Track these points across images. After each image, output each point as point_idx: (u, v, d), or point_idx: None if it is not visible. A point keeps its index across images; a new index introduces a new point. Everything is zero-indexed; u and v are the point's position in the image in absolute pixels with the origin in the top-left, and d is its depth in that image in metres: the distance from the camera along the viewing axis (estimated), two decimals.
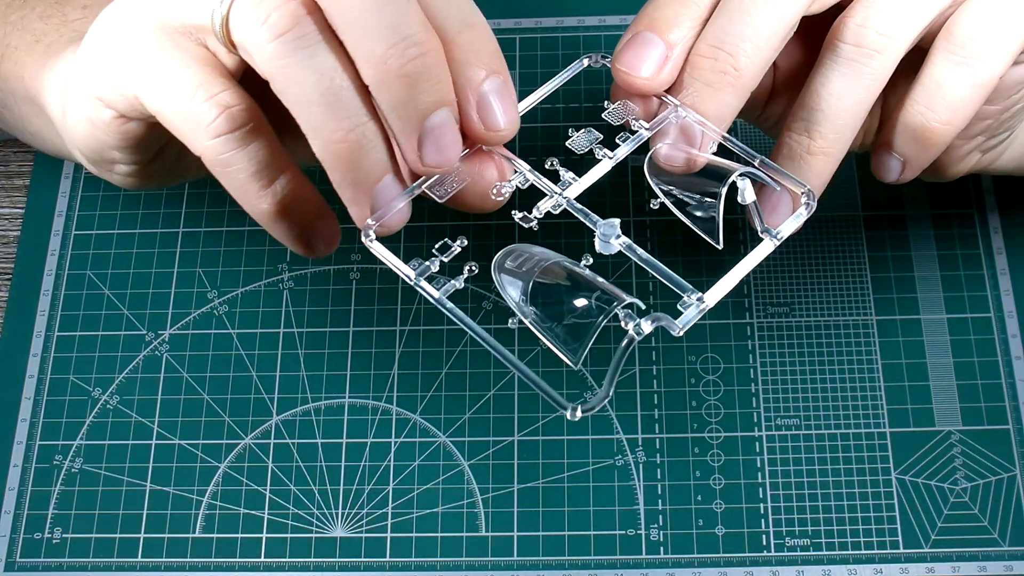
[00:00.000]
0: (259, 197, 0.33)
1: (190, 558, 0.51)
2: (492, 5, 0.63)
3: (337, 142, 0.31)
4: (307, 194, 0.34)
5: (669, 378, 0.53)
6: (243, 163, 0.33)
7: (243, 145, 0.32)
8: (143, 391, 0.54)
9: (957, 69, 0.34)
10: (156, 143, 0.37)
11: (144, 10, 0.33)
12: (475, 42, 0.32)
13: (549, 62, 0.61)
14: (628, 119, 0.36)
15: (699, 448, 0.52)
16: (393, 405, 0.53)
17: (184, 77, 0.32)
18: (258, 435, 0.53)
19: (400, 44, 0.30)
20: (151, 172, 0.38)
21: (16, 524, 0.52)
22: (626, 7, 0.62)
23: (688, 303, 0.31)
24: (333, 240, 0.36)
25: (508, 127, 0.33)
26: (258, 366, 0.55)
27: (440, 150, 0.31)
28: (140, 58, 0.32)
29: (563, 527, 0.50)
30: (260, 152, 0.33)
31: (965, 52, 0.34)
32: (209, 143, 0.32)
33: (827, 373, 0.53)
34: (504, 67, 0.33)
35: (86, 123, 0.35)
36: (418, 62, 0.30)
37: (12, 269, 0.58)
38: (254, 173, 0.33)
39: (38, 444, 0.54)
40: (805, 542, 0.50)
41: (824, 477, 0.51)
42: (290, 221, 0.34)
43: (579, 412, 0.30)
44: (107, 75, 0.34)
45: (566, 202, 0.34)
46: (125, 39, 0.33)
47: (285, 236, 0.35)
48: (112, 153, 0.36)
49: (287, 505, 0.52)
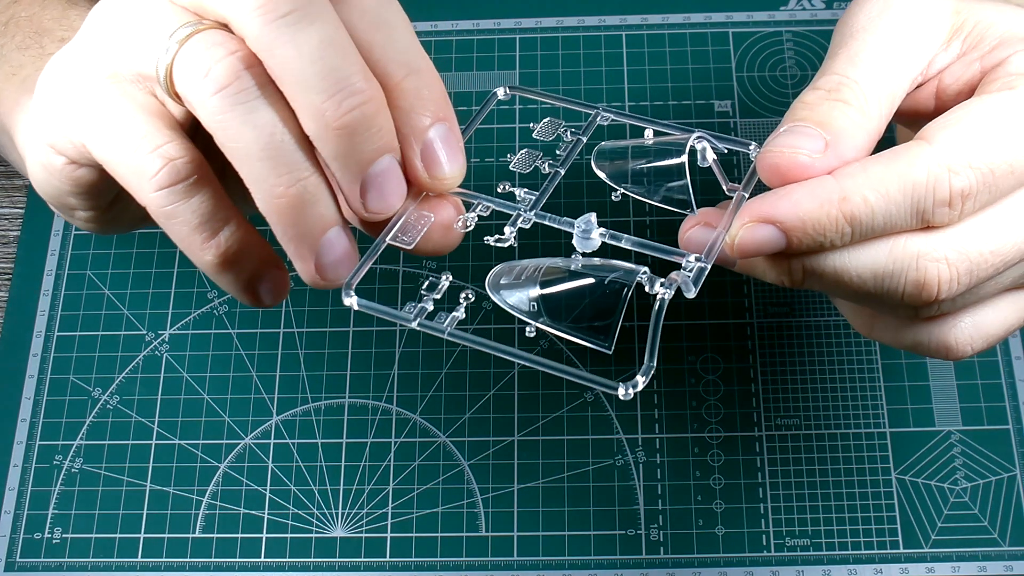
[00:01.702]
0: (203, 249, 0.33)
1: (190, 558, 0.51)
2: (492, 5, 0.63)
3: (278, 196, 0.31)
4: (253, 245, 0.34)
5: (669, 378, 0.53)
6: (187, 215, 0.32)
7: (187, 197, 0.32)
8: (143, 391, 0.54)
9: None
10: (110, 190, 0.36)
11: (93, 58, 0.33)
12: (420, 88, 0.32)
13: (549, 62, 0.61)
14: (559, 131, 0.37)
15: (699, 448, 0.52)
16: (393, 405, 0.53)
17: (130, 127, 0.32)
18: (258, 435, 0.53)
19: (338, 95, 0.30)
20: (110, 218, 0.38)
21: (16, 524, 0.52)
22: (626, 7, 0.62)
23: (690, 265, 0.31)
24: (281, 291, 0.35)
25: (453, 175, 0.33)
26: (258, 366, 0.55)
27: (383, 197, 0.31)
28: (88, 106, 0.32)
29: (563, 527, 0.50)
30: (204, 204, 0.32)
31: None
32: (153, 195, 0.32)
33: (827, 373, 0.53)
34: (450, 112, 0.32)
35: (40, 168, 0.35)
36: (357, 112, 0.30)
37: (12, 269, 0.58)
38: (198, 225, 0.32)
39: (38, 444, 0.54)
40: (805, 542, 0.50)
41: (824, 477, 0.51)
42: (235, 272, 0.34)
43: (630, 390, 0.30)
44: (57, 122, 0.33)
45: (534, 214, 0.34)
46: (74, 86, 0.33)
47: (230, 287, 0.34)
48: (68, 199, 0.36)
49: (287, 505, 0.52)
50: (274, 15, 0.29)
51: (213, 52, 0.30)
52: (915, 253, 0.31)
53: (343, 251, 0.32)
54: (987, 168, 0.30)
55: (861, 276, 0.32)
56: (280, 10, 0.29)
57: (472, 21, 0.62)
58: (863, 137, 0.32)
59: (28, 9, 0.45)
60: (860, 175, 0.30)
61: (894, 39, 0.33)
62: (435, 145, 0.32)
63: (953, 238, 0.31)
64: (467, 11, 0.63)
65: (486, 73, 0.61)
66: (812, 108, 0.32)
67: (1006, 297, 0.35)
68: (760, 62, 0.60)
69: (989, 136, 0.30)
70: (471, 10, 0.63)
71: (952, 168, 0.30)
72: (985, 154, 0.30)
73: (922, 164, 0.30)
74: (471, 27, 0.62)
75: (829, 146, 0.31)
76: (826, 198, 0.30)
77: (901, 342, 0.35)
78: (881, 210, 0.30)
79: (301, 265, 0.32)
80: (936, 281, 0.31)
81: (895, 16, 0.34)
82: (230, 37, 0.30)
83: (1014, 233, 0.31)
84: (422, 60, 0.32)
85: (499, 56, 0.61)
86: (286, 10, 0.29)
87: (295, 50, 0.29)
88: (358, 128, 0.30)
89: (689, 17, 0.62)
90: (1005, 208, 0.31)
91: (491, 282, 0.33)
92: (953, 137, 0.31)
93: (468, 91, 0.60)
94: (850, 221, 0.30)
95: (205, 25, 0.30)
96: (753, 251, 0.31)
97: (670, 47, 0.61)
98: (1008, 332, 0.35)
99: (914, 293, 0.31)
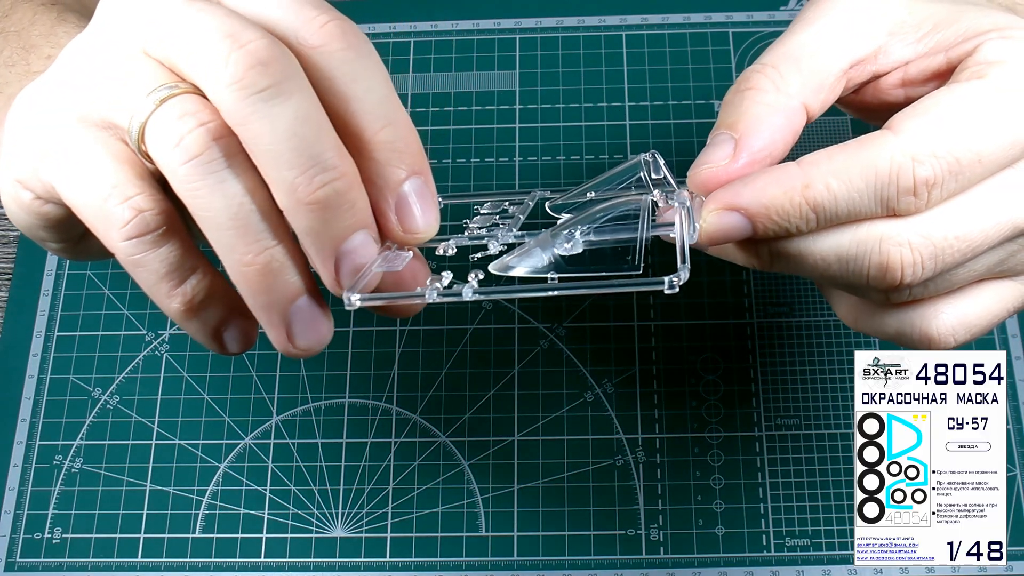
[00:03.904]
0: (169, 296, 0.33)
1: (190, 558, 0.51)
2: (492, 5, 0.63)
3: (246, 264, 0.31)
4: (220, 292, 0.34)
5: (669, 378, 0.53)
6: (154, 264, 0.32)
7: (155, 247, 0.32)
8: (143, 391, 0.54)
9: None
10: (78, 226, 0.36)
11: (65, 98, 0.32)
12: (396, 141, 0.31)
13: (549, 62, 0.61)
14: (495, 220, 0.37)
15: (699, 448, 0.52)
16: (393, 405, 0.53)
17: (100, 175, 0.31)
18: (258, 435, 0.53)
19: (311, 171, 0.29)
20: (81, 249, 0.38)
21: (16, 524, 0.52)
22: (626, 7, 0.62)
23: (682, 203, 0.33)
24: (248, 339, 0.35)
25: (427, 229, 0.32)
26: (258, 366, 0.55)
27: (357, 273, 0.31)
28: (58, 149, 0.32)
29: (563, 527, 0.50)
30: (172, 253, 0.32)
31: None
32: (121, 244, 0.32)
33: (827, 373, 0.53)
34: (425, 166, 0.32)
35: (10, 200, 0.35)
36: (329, 188, 0.30)
37: (12, 269, 0.58)
38: (165, 273, 0.32)
39: (38, 444, 0.54)
40: (805, 542, 0.50)
41: (824, 477, 0.51)
42: (201, 320, 0.34)
43: (675, 281, 0.30)
44: (26, 159, 0.33)
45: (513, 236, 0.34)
46: (44, 126, 0.32)
47: (196, 334, 0.34)
48: (38, 232, 0.36)
49: (287, 505, 0.52)
50: (250, 91, 0.29)
51: (186, 121, 0.30)
52: (878, 237, 0.31)
53: (313, 320, 0.32)
54: (952, 158, 0.30)
55: (826, 260, 0.32)
56: (256, 86, 0.29)
57: (472, 21, 0.62)
58: (779, 116, 0.33)
59: (18, 24, 0.45)
60: (824, 163, 0.31)
61: (823, 25, 0.35)
62: (410, 199, 0.32)
63: (917, 223, 0.31)
64: (467, 11, 0.63)
65: (486, 73, 0.61)
66: (724, 107, 0.34)
67: (987, 287, 0.35)
68: None
69: (955, 126, 0.31)
70: (471, 10, 0.63)
71: (916, 158, 0.30)
72: (950, 144, 0.30)
73: (886, 153, 0.31)
74: (471, 27, 0.62)
75: (738, 144, 0.33)
76: (789, 185, 0.31)
77: (884, 332, 0.36)
78: (844, 197, 0.31)
79: (272, 333, 0.32)
80: (899, 264, 0.31)
81: (829, 8, 0.35)
82: (204, 105, 0.30)
83: (982, 220, 0.31)
84: (398, 113, 0.32)
85: (499, 56, 0.61)
86: (262, 86, 0.29)
87: (269, 125, 0.29)
88: (330, 204, 0.30)
89: (689, 17, 0.62)
90: (974, 196, 0.31)
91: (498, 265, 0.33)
92: (918, 127, 0.31)
93: (468, 91, 0.60)
94: (813, 207, 0.31)
95: (181, 89, 0.30)
96: (721, 238, 0.32)
97: (670, 47, 0.61)
98: (992, 323, 0.35)
99: (878, 276, 0.32)
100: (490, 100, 0.60)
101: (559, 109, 0.60)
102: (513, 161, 0.58)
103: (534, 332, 0.54)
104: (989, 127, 0.31)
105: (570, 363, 0.54)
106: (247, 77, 0.29)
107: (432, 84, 0.61)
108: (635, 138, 0.58)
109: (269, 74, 0.29)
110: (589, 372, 0.53)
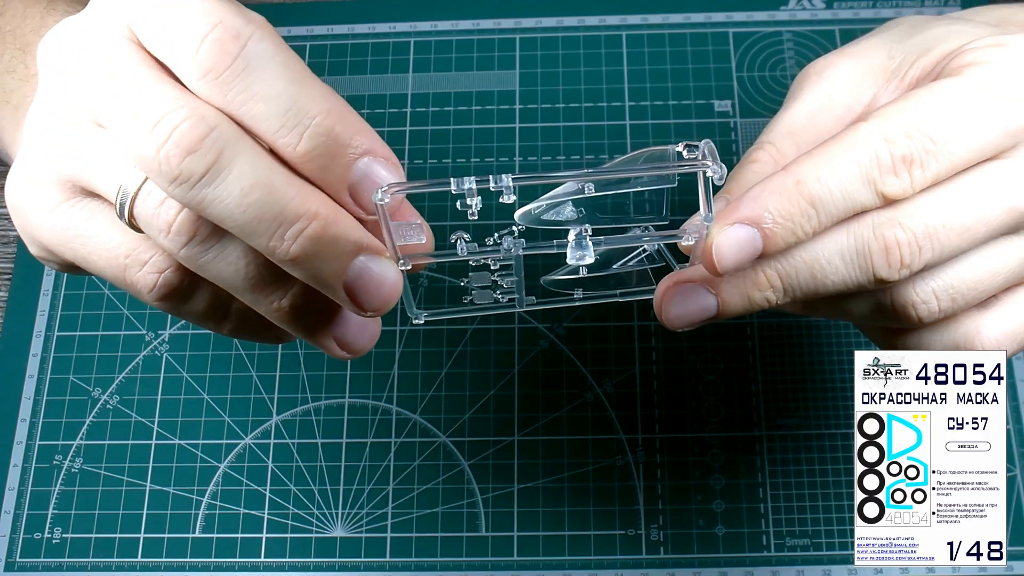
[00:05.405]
0: (218, 327, 0.35)
1: (190, 558, 0.51)
2: (492, 5, 0.63)
3: (276, 310, 0.32)
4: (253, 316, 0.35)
5: (669, 378, 0.53)
6: (191, 310, 0.34)
7: (186, 299, 0.33)
8: (143, 391, 0.54)
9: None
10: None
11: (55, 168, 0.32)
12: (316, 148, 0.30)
13: (549, 62, 0.61)
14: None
15: (699, 448, 0.52)
16: (393, 405, 0.53)
17: (112, 249, 0.32)
18: (258, 435, 0.53)
19: (278, 231, 0.29)
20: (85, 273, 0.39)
21: (16, 524, 0.52)
22: (626, 7, 0.62)
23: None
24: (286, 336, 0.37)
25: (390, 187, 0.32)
26: (258, 366, 0.55)
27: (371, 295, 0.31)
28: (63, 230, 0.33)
29: (563, 527, 0.50)
30: (205, 298, 0.34)
31: None
32: (155, 303, 0.33)
33: (827, 373, 0.53)
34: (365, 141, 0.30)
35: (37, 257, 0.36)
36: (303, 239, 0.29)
37: (12, 269, 0.58)
38: (203, 313, 0.34)
39: (38, 444, 0.54)
40: (805, 542, 0.50)
41: (824, 477, 0.51)
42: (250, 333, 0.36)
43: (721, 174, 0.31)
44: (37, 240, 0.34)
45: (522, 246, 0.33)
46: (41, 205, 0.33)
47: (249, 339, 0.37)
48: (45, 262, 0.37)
49: (287, 505, 0.52)
50: (191, 182, 0.28)
51: (168, 206, 0.30)
52: (870, 224, 0.32)
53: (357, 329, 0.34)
54: (925, 136, 0.31)
55: (831, 262, 0.32)
56: (194, 176, 0.28)
57: (472, 21, 0.62)
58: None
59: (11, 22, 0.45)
60: (807, 160, 0.32)
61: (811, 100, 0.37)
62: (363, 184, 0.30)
63: (908, 206, 0.32)
64: (467, 11, 0.63)
65: (486, 73, 0.61)
66: (727, 181, 0.36)
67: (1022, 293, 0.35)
68: (760, 62, 0.60)
69: (926, 108, 0.31)
70: (471, 10, 0.63)
71: (888, 137, 0.31)
72: (922, 123, 0.31)
73: (862, 136, 0.31)
74: (471, 27, 0.62)
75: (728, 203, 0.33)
76: (782, 185, 0.31)
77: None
78: (836, 185, 0.31)
79: (327, 351, 0.34)
80: (896, 243, 0.31)
81: (825, 81, 0.37)
82: None
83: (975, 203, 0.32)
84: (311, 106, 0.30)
85: (499, 56, 0.61)
86: (200, 172, 0.28)
87: (222, 205, 0.29)
88: (313, 253, 0.30)
89: (689, 17, 0.62)
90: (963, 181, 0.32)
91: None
92: (889, 111, 0.32)
93: (468, 91, 0.60)
94: (811, 202, 0.31)
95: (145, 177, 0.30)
96: (734, 255, 0.32)
97: (670, 47, 0.61)
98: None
99: (882, 264, 0.32)
100: (490, 100, 0.60)
101: (559, 109, 0.60)
102: (513, 161, 0.58)
103: (534, 332, 0.54)
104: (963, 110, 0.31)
105: (570, 363, 0.54)
106: (184, 171, 0.28)
107: (432, 84, 0.61)
108: (635, 138, 0.58)
109: (201, 158, 0.28)
110: (589, 372, 0.53)
